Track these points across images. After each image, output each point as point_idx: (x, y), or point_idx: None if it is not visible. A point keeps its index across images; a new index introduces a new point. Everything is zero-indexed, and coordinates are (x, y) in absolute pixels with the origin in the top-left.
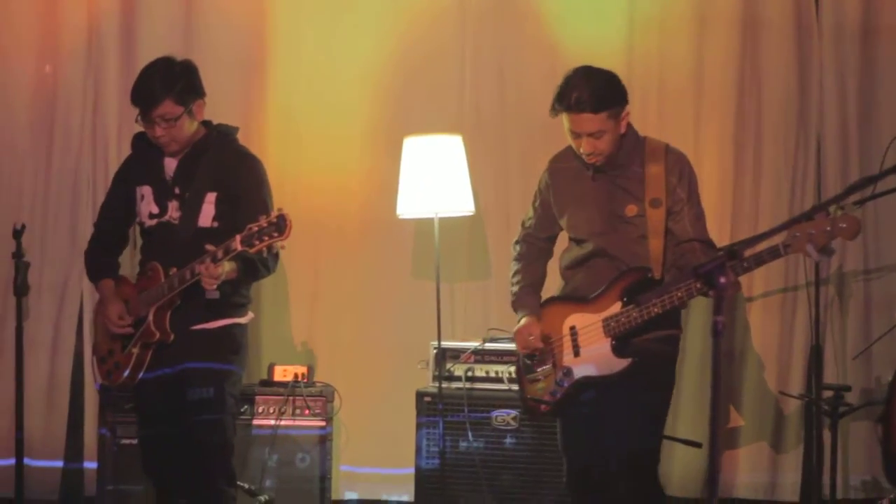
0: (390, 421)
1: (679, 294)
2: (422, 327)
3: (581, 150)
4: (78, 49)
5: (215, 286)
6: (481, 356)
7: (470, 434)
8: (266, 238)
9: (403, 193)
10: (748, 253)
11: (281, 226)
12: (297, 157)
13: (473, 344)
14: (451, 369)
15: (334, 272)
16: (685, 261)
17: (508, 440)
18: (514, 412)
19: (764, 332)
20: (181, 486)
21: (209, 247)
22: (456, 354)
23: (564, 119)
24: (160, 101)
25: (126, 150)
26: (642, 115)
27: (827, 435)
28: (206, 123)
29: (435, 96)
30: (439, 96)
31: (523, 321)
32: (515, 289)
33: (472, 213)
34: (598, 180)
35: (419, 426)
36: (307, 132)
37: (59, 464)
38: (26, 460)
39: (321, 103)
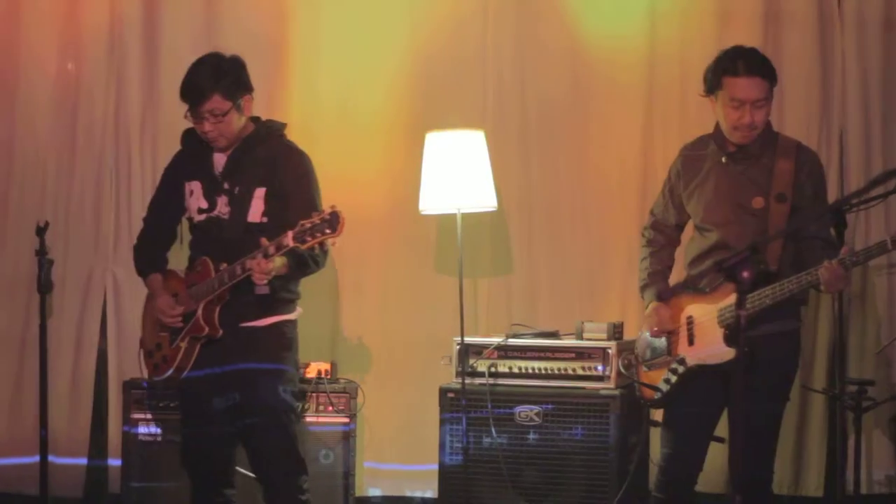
0: (414, 417)
1: (790, 286)
2: (445, 323)
3: (742, 122)
4: (100, 46)
5: (266, 281)
6: (504, 352)
7: (493, 430)
8: (318, 234)
9: (426, 189)
10: (858, 249)
11: (333, 222)
12: (320, 154)
13: (496, 339)
14: (475, 365)
15: (358, 268)
16: (804, 257)
17: (532, 436)
18: (537, 408)
19: None
20: (227, 480)
21: (263, 241)
22: (479, 350)
23: (725, 91)
24: (209, 95)
25: (148, 146)
26: (665, 112)
27: (851, 430)
28: (255, 119)
29: (457, 92)
30: (462, 92)
31: (650, 308)
32: (644, 274)
33: (494, 209)
34: (728, 168)
35: (442, 422)
36: (329, 128)
37: (84, 461)
38: (51, 458)
39: (343, 99)
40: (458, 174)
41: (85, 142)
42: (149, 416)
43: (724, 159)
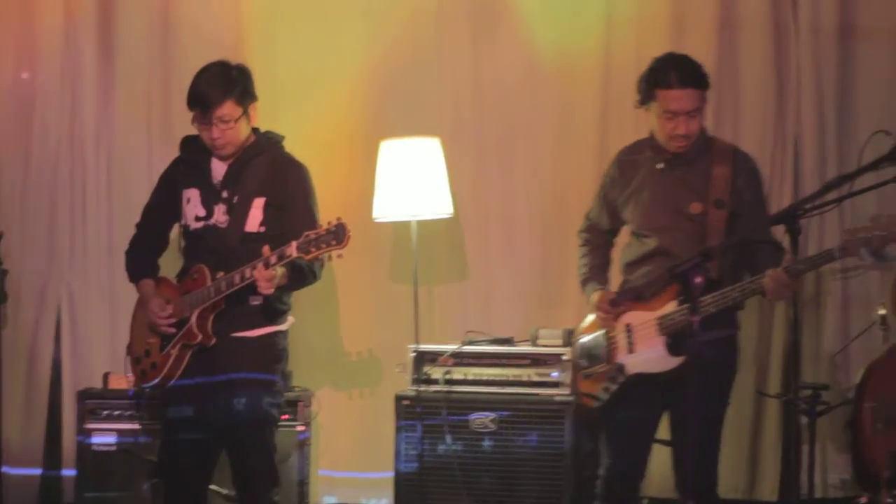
0: (369, 425)
1: (734, 294)
2: (400, 330)
3: (676, 132)
4: (55, 55)
5: (271, 290)
6: (459, 359)
7: (448, 437)
8: (323, 246)
9: (380, 197)
10: (801, 256)
11: (340, 234)
12: None
13: (452, 347)
14: (430, 372)
15: None
16: (755, 262)
17: (486, 443)
18: (492, 414)
19: (743, 332)
20: (201, 493)
21: (266, 249)
22: (434, 357)
23: (658, 102)
24: (222, 101)
25: (103, 156)
26: (620, 119)
27: (805, 434)
28: (255, 130)
29: (412, 99)
30: (417, 99)
31: (595, 296)
32: (585, 269)
33: (449, 216)
34: (665, 175)
35: (398, 430)
36: (285, 135)
37: (38, 471)
38: (5, 468)
39: (297, 108)
40: (413, 182)
41: (40, 151)
42: (104, 425)
43: (660, 166)
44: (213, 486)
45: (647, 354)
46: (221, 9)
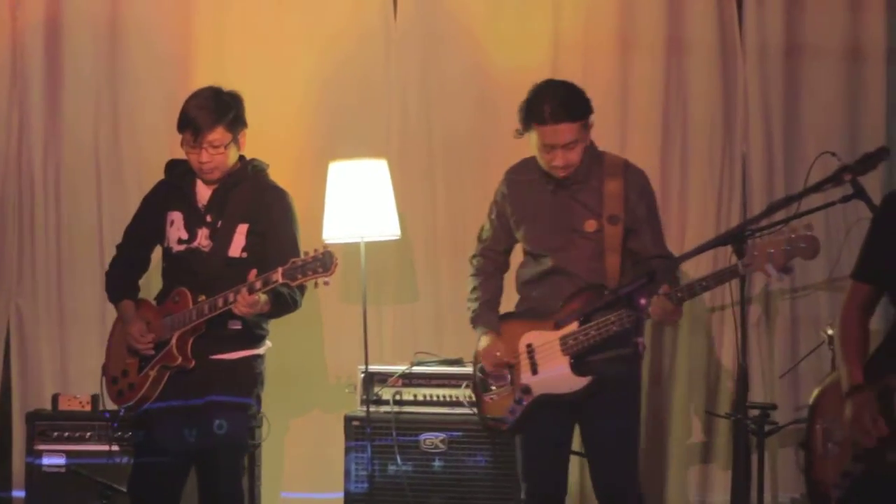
0: (319, 445)
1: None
2: (349, 351)
3: (554, 164)
4: (2, 77)
5: (249, 315)
6: (409, 379)
7: (398, 458)
8: (310, 273)
9: (329, 218)
10: (706, 273)
11: (327, 262)
12: None
13: (401, 367)
14: (379, 393)
15: None
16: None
17: (437, 463)
18: (442, 435)
19: (691, 352)
20: None
21: (252, 273)
22: (384, 378)
23: (535, 134)
24: (214, 127)
25: (51, 176)
26: None
27: (754, 454)
28: (241, 157)
29: (360, 120)
30: (365, 120)
31: (485, 340)
32: (474, 305)
33: (398, 238)
34: (557, 195)
35: (348, 450)
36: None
37: None
38: None
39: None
40: (361, 203)
41: None
42: (54, 447)
43: (551, 187)
44: None
45: (553, 375)
46: (170, 24)
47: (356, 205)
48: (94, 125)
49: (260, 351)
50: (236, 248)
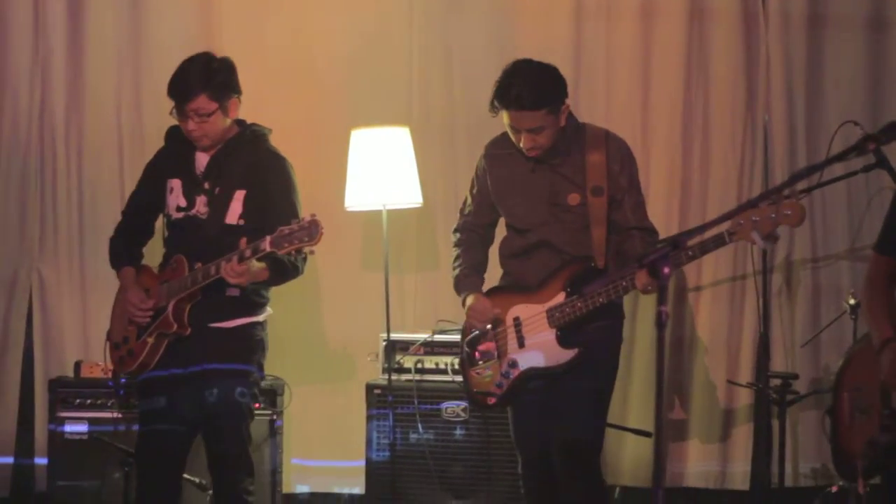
0: (341, 414)
1: (623, 283)
2: (371, 319)
3: (523, 146)
4: (25, 44)
5: (238, 283)
6: (431, 348)
7: (420, 426)
8: (296, 241)
9: (351, 186)
10: (693, 241)
11: (313, 231)
12: None
13: (423, 336)
14: (401, 361)
15: None
16: (624, 249)
17: (458, 431)
18: (463, 404)
19: (712, 321)
20: (178, 478)
21: (243, 241)
22: (405, 346)
23: (504, 114)
24: (195, 95)
25: (73, 145)
26: (590, 107)
27: (775, 423)
28: (240, 122)
29: (382, 88)
30: (387, 88)
31: (471, 299)
32: (457, 272)
33: (420, 205)
34: (538, 169)
35: (369, 418)
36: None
37: (10, 460)
38: None
39: (269, 96)
40: (383, 171)
41: (10, 139)
42: (76, 414)
43: (531, 163)
44: (186, 475)
45: (540, 349)
46: (190, 3)
47: (378, 172)
48: (117, 91)
49: (259, 318)
50: (233, 215)
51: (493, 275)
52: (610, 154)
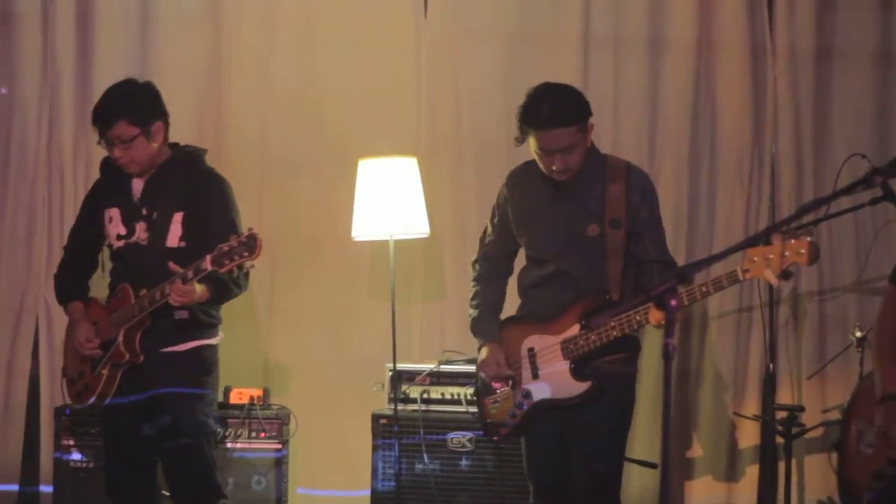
0: (346, 443)
1: (638, 318)
2: (378, 349)
3: (553, 168)
4: (33, 70)
5: (184, 304)
6: (437, 378)
7: (426, 456)
8: (237, 257)
9: (359, 215)
10: (709, 278)
11: (252, 245)
12: (254, 179)
13: (429, 366)
14: (407, 391)
15: (291, 294)
16: (643, 282)
17: (464, 462)
18: (469, 434)
19: (719, 353)
20: (154, 499)
21: (173, 266)
22: (412, 376)
23: (533, 139)
24: (114, 122)
25: (81, 171)
26: (597, 138)
27: (781, 455)
28: (173, 145)
29: (390, 118)
30: (395, 118)
31: (485, 351)
32: (474, 313)
33: (427, 235)
34: (558, 199)
35: (375, 448)
36: (264, 154)
37: (15, 488)
38: None
39: (278, 125)
40: (390, 200)
41: (18, 166)
42: (75, 442)
43: (552, 191)
44: (165, 492)
45: (554, 381)
46: (201, 25)
47: (385, 202)
48: None
49: (210, 341)
50: (174, 237)
51: (512, 307)
52: (630, 186)
